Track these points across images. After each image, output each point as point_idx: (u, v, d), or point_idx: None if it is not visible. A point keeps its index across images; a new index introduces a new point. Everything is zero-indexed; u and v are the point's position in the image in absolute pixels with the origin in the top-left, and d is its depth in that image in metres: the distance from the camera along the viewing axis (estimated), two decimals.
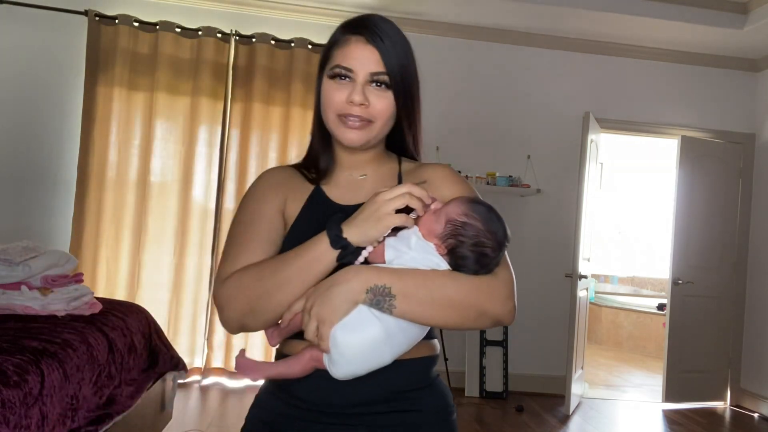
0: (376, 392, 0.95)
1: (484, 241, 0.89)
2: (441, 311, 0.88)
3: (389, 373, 0.94)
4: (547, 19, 4.35)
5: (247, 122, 4.25)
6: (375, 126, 1.00)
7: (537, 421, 3.89)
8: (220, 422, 3.45)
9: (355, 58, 0.97)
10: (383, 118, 1.00)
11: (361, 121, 0.98)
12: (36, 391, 1.57)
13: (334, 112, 0.99)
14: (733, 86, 4.87)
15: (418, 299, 0.87)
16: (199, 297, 4.20)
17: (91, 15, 4.05)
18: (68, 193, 4.11)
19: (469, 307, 0.89)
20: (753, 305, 4.71)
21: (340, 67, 0.98)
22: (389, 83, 0.98)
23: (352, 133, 0.99)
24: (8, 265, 2.14)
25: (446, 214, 0.91)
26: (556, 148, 4.64)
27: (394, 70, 0.98)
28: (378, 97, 0.98)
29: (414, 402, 0.99)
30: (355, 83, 0.97)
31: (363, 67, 0.97)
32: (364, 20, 1.01)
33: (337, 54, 0.99)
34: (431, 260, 0.90)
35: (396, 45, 1.00)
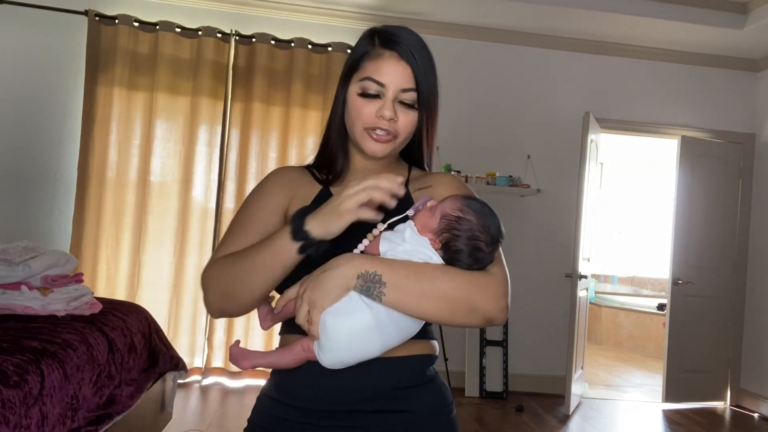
0: (369, 390, 0.95)
1: (477, 235, 0.91)
2: (431, 303, 0.88)
3: (383, 371, 0.94)
4: (547, 19, 4.35)
5: (247, 122, 4.25)
6: (398, 140, 1.03)
7: (537, 421, 3.89)
8: (220, 422, 3.46)
9: (388, 74, 0.99)
10: (406, 133, 1.03)
11: (387, 135, 1.01)
12: (36, 391, 1.57)
13: (362, 125, 1.01)
14: (733, 86, 4.87)
15: (408, 289, 0.87)
16: (199, 297, 4.19)
17: (91, 15, 4.05)
18: (68, 193, 4.11)
19: (460, 302, 0.89)
20: (753, 305, 4.71)
21: (372, 80, 0.99)
22: (417, 101, 1.01)
23: (378, 146, 1.01)
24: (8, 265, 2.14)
25: (441, 209, 0.93)
26: (556, 148, 4.64)
27: (423, 88, 1.01)
28: (404, 114, 1.01)
29: (410, 401, 0.98)
30: (386, 98, 0.99)
31: (395, 83, 0.99)
32: (396, 35, 1.01)
33: (368, 66, 1.00)
34: (424, 253, 0.91)
35: (426, 63, 1.02)
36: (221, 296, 0.96)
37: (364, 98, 1.00)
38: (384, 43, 1.00)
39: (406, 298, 0.88)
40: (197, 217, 4.21)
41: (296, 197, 1.06)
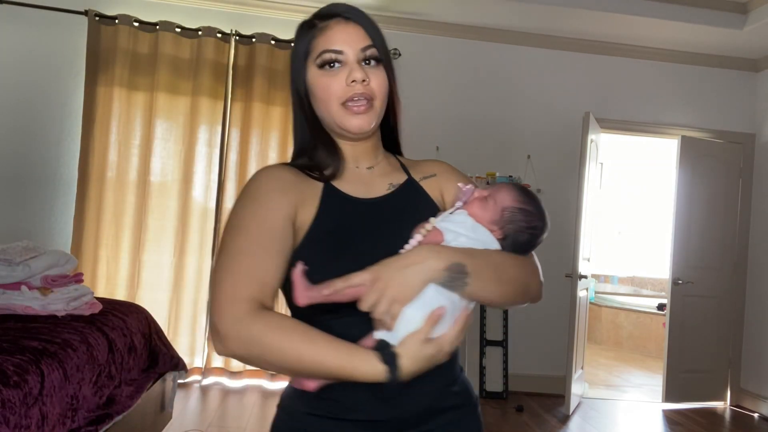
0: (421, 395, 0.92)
1: (538, 225, 0.97)
2: (502, 288, 0.92)
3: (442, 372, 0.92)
4: (547, 19, 4.35)
5: (247, 122, 4.25)
6: (376, 105, 0.96)
7: (537, 421, 3.89)
8: (220, 422, 3.45)
9: (341, 38, 0.94)
10: (382, 94, 0.96)
11: (366, 103, 0.94)
12: (36, 391, 1.57)
13: (337, 101, 0.94)
14: (733, 86, 4.87)
15: (487, 277, 0.89)
16: (199, 297, 4.19)
17: (91, 15, 4.05)
18: (68, 193, 4.11)
19: (521, 285, 0.94)
20: (753, 305, 4.71)
21: (328, 51, 0.93)
22: (378, 57, 0.96)
23: (359, 119, 0.94)
24: (8, 265, 2.14)
25: (500, 201, 0.96)
26: (556, 148, 4.64)
27: (379, 43, 0.96)
28: (373, 72, 0.95)
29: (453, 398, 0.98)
30: (349, 63, 0.94)
31: (352, 45, 0.94)
32: (334, 6, 0.97)
33: (319, 42, 0.95)
34: (485, 241, 0.93)
35: (370, 20, 0.97)
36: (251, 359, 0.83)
37: (327, 73, 0.94)
38: (324, 17, 0.96)
39: (485, 286, 0.89)
40: (197, 217, 4.21)
41: (302, 202, 0.94)
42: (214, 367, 4.20)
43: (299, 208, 0.94)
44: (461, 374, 1.02)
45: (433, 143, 4.44)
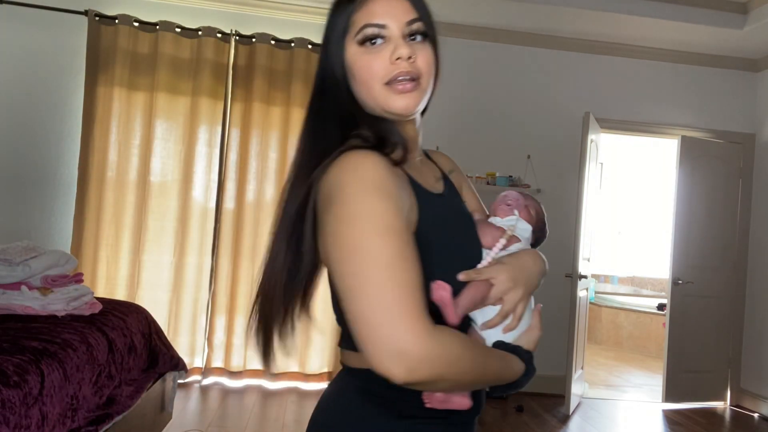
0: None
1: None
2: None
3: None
4: (547, 19, 4.35)
5: (247, 122, 4.25)
6: (422, 84, 0.86)
7: (537, 421, 3.89)
8: (220, 422, 3.45)
9: (384, 11, 0.84)
10: (429, 72, 0.88)
11: (412, 82, 0.84)
12: (36, 391, 1.57)
13: (380, 81, 0.84)
14: (733, 86, 4.87)
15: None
16: (199, 297, 4.20)
17: (91, 15, 4.05)
18: (68, 193, 4.11)
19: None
20: (753, 305, 4.71)
21: (370, 25, 0.84)
22: (425, 32, 0.87)
23: (405, 99, 0.85)
24: (8, 265, 2.14)
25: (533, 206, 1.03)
26: (556, 148, 4.64)
27: (427, 17, 0.88)
28: (420, 48, 0.86)
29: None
30: (393, 38, 0.84)
31: (396, 18, 0.84)
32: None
33: (359, 16, 0.85)
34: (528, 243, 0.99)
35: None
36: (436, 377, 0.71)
37: (368, 50, 0.85)
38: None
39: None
40: (197, 217, 4.21)
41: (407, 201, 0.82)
42: (214, 367, 4.20)
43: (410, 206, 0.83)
44: None
45: (432, 143, 4.43)
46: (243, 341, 4.19)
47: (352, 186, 0.76)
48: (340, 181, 0.78)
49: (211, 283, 4.21)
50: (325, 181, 0.80)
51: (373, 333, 0.69)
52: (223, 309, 4.19)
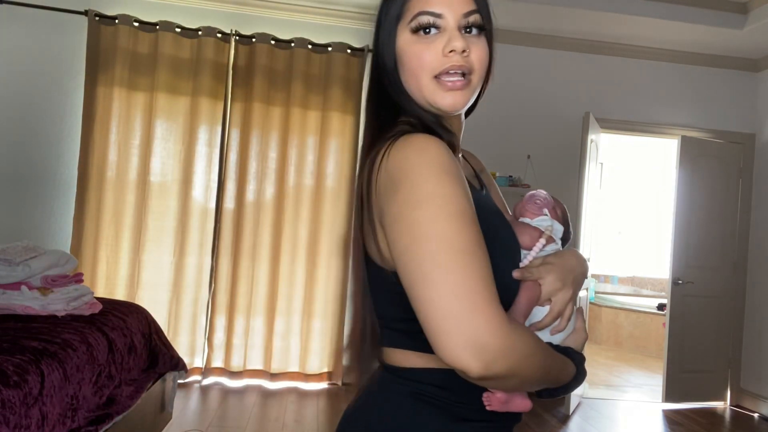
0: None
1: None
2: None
3: None
4: (547, 19, 4.35)
5: (247, 122, 4.25)
6: (473, 81, 0.84)
7: (537, 421, 3.89)
8: (220, 422, 3.45)
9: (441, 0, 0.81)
10: (482, 69, 0.85)
11: (462, 78, 0.82)
12: (36, 391, 1.57)
13: (430, 73, 0.81)
14: (733, 86, 4.87)
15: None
16: (199, 297, 4.20)
17: (91, 15, 4.05)
18: (68, 193, 4.11)
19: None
20: (753, 305, 4.71)
21: (425, 13, 0.81)
22: (482, 25, 0.84)
23: (453, 96, 0.82)
24: (8, 265, 2.14)
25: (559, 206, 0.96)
26: (556, 148, 4.64)
27: (485, 9, 0.86)
28: (475, 43, 0.83)
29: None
30: (449, 29, 0.81)
31: (453, 8, 0.81)
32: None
33: (415, 3, 0.82)
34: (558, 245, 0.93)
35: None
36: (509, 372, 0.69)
37: (421, 39, 0.81)
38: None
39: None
40: (197, 217, 4.21)
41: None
42: (214, 367, 4.20)
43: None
44: None
45: None
46: (243, 341, 4.19)
47: (421, 168, 0.72)
48: (405, 164, 0.73)
49: (211, 283, 4.21)
50: (386, 167, 0.75)
51: (449, 323, 0.66)
52: (223, 309, 4.19)
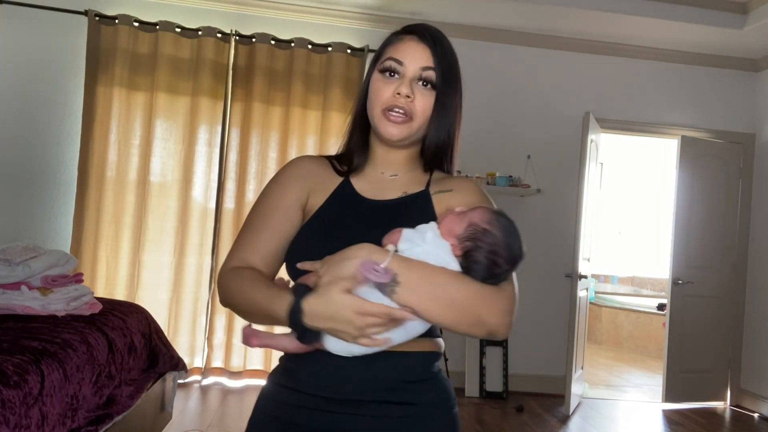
0: (378, 381, 0.97)
1: (499, 251, 0.91)
2: (439, 308, 0.89)
3: (391, 364, 0.97)
4: (547, 19, 4.35)
5: (247, 122, 4.25)
6: (414, 123, 1.03)
7: (537, 421, 3.89)
8: (220, 422, 3.45)
9: (407, 52, 1.03)
10: (423, 116, 1.04)
11: (403, 116, 1.02)
12: (36, 391, 1.57)
13: (381, 106, 1.03)
14: (733, 86, 4.87)
15: (420, 291, 0.87)
16: (199, 297, 4.20)
17: (91, 15, 4.05)
18: (68, 193, 4.11)
19: (467, 312, 0.89)
20: (753, 305, 4.71)
21: (391, 59, 1.03)
22: (435, 82, 1.03)
23: (394, 128, 1.02)
24: (8, 265, 2.14)
25: (470, 218, 0.93)
26: (556, 148, 4.64)
27: (442, 69, 1.04)
28: (422, 95, 1.03)
29: (414, 394, 1.00)
30: (404, 77, 1.02)
31: (413, 61, 1.02)
32: (418, 24, 1.07)
33: (389, 50, 1.05)
34: (443, 258, 0.91)
35: (447, 50, 1.06)
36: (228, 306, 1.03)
37: (383, 79, 1.03)
38: (405, 31, 1.07)
39: (416, 300, 0.87)
40: (197, 217, 4.21)
41: (315, 190, 1.07)
42: (214, 367, 4.20)
43: (312, 195, 1.07)
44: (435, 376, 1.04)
45: None
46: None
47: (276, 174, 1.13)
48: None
49: (211, 283, 4.21)
50: None
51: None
52: (223, 309, 4.19)
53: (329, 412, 0.97)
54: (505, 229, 0.93)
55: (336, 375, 0.96)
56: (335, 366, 0.95)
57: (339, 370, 0.95)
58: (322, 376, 0.97)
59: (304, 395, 0.99)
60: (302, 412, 0.99)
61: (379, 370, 0.96)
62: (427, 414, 1.00)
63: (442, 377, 1.06)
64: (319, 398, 0.97)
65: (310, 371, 0.98)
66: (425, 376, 1.02)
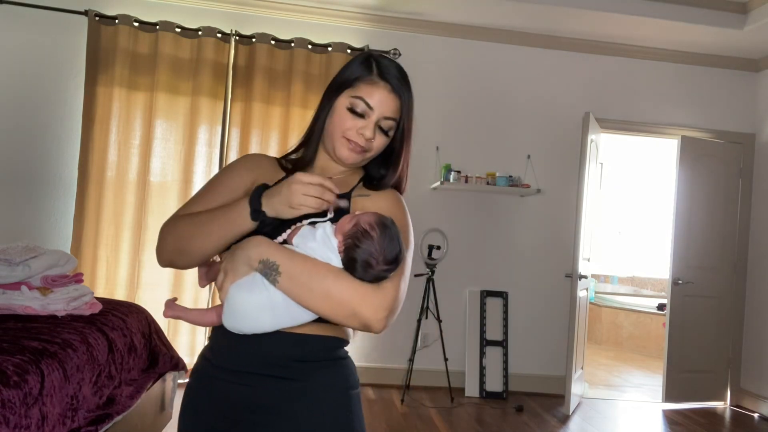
0: (271, 357, 1.08)
1: (373, 253, 1.00)
2: (315, 298, 1.00)
3: (289, 343, 1.08)
4: (547, 19, 4.35)
5: (247, 122, 4.25)
6: (367, 155, 1.17)
7: (537, 421, 3.90)
8: None
9: (379, 101, 1.14)
10: (376, 152, 1.19)
11: (361, 149, 1.15)
12: (36, 391, 1.57)
13: (342, 133, 1.15)
14: (733, 86, 4.87)
15: (298, 281, 1.00)
16: (199, 297, 4.20)
17: (91, 15, 4.05)
18: (68, 193, 4.11)
19: (341, 304, 0.99)
20: (753, 305, 4.71)
21: (364, 101, 1.14)
22: (389, 133, 1.17)
23: (351, 155, 1.16)
24: (8, 265, 2.14)
25: (357, 219, 1.03)
26: (556, 148, 4.64)
27: (405, 119, 1.19)
28: (380, 136, 1.16)
29: (307, 373, 1.09)
30: (369, 120, 1.14)
31: (383, 110, 1.14)
32: (395, 70, 1.17)
33: (363, 88, 1.15)
34: (327, 255, 1.02)
35: (410, 100, 1.19)
36: (174, 250, 1.10)
37: (351, 113, 1.14)
38: (381, 75, 1.15)
39: (294, 289, 1.00)
40: None
41: (259, 180, 1.16)
42: None
43: (256, 183, 1.15)
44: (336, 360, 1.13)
45: (433, 143, 4.44)
46: None
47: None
48: None
49: (211, 284, 4.20)
50: None
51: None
52: None
53: (223, 380, 1.10)
54: (383, 234, 1.01)
55: (238, 349, 1.08)
56: (241, 341, 1.07)
57: (242, 345, 1.07)
58: (229, 349, 1.10)
59: (215, 367, 1.12)
60: (207, 380, 1.13)
61: (275, 346, 1.07)
62: (315, 393, 1.08)
63: (343, 363, 1.15)
64: (223, 369, 1.11)
65: (222, 345, 1.12)
66: (321, 358, 1.11)
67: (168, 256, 1.11)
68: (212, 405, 1.11)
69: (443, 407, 3.99)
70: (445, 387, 4.28)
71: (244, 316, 1.04)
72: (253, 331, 1.05)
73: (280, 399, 1.07)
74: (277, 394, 1.07)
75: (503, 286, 4.55)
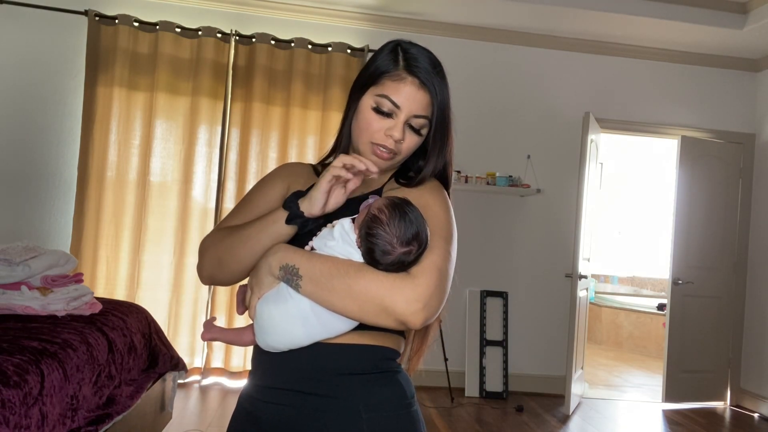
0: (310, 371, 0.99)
1: (386, 236, 0.91)
2: (339, 298, 0.91)
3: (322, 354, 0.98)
4: (547, 19, 4.35)
5: (247, 122, 4.25)
6: (397, 159, 1.07)
7: (537, 421, 3.89)
8: (220, 422, 3.45)
9: (406, 97, 1.03)
10: (407, 154, 1.08)
11: (389, 153, 1.05)
12: (36, 391, 1.57)
13: (369, 137, 1.05)
14: (733, 86, 4.87)
15: (320, 283, 0.92)
16: (199, 297, 4.20)
17: (91, 15, 4.05)
18: (68, 193, 4.11)
19: (369, 301, 0.89)
20: (753, 305, 4.71)
21: (390, 99, 1.02)
22: (420, 132, 1.06)
23: (378, 161, 1.05)
24: (8, 265, 2.14)
25: (369, 206, 0.96)
26: (556, 148, 4.64)
27: (438, 116, 1.07)
28: (410, 137, 1.06)
29: (351, 389, 0.98)
30: (397, 120, 1.03)
31: (410, 107, 1.03)
32: (420, 62, 1.05)
33: (388, 85, 1.03)
34: (347, 251, 0.95)
35: (443, 90, 1.08)
36: (214, 264, 1.06)
37: (376, 114, 1.04)
38: (408, 68, 1.04)
39: (318, 291, 0.92)
40: (197, 217, 4.21)
41: (294, 186, 1.13)
42: (213, 368, 4.20)
43: (291, 189, 1.13)
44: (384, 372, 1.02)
45: None
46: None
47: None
48: None
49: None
50: None
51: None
52: (223, 309, 4.19)
53: (267, 402, 1.02)
54: (394, 213, 0.92)
55: (275, 367, 1.01)
56: (274, 359, 1.00)
57: (277, 362, 1.00)
58: (267, 366, 1.03)
59: (256, 388, 1.06)
60: (254, 402, 1.05)
61: (312, 359, 0.98)
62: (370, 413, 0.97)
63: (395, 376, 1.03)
64: (262, 387, 1.03)
65: (260, 362, 1.05)
66: (369, 370, 1.00)
67: (208, 270, 1.06)
68: (256, 428, 1.03)
69: (443, 407, 3.99)
70: (445, 387, 4.28)
71: (274, 330, 0.97)
72: (287, 346, 0.97)
73: (324, 419, 0.97)
74: (317, 413, 0.97)
75: (503, 286, 4.55)
